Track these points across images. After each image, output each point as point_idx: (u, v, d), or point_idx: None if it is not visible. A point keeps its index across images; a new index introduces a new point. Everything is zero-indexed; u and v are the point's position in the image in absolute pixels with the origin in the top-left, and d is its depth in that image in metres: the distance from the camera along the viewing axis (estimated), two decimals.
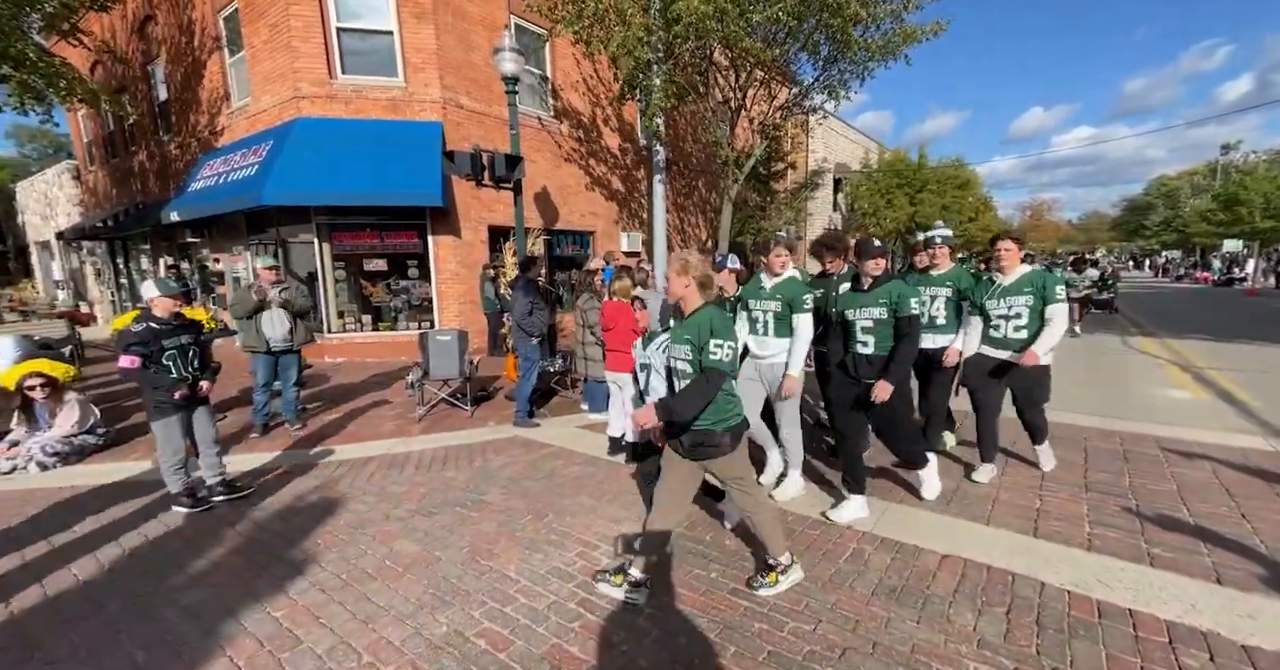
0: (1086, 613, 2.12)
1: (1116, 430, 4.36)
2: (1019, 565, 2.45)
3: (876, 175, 20.62)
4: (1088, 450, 3.94)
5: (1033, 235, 60.51)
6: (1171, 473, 3.48)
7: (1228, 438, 4.11)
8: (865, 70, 9.52)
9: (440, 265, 8.56)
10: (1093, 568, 2.41)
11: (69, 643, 2.17)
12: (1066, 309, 3.09)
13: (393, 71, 8.18)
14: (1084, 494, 3.19)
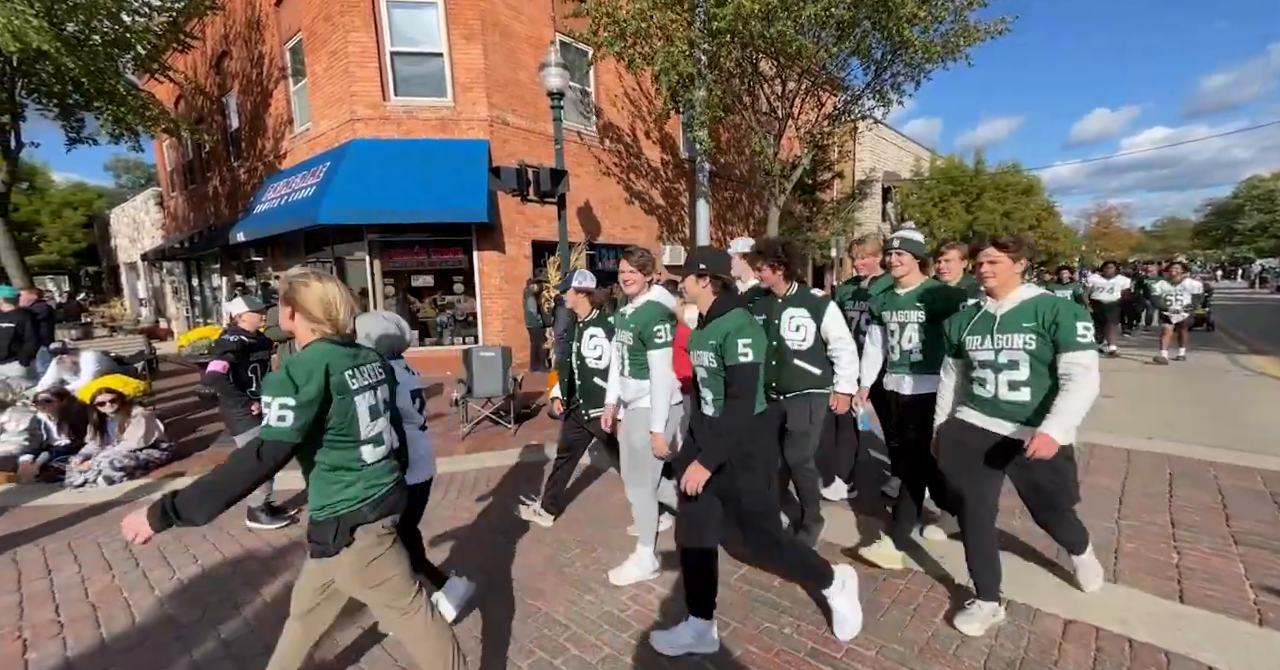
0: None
1: (1251, 467, 3.72)
2: (1171, 641, 2.00)
3: (929, 183, 19.72)
4: (1222, 491, 3.36)
5: (1100, 243, 56.53)
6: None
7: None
8: (921, 72, 9.07)
9: (485, 281, 8.61)
10: (1276, 650, 1.94)
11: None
12: (1095, 360, 1.91)
13: (442, 92, 8.38)
14: (1234, 548, 2.66)
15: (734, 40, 7.99)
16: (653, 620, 2.31)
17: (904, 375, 2.73)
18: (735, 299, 2.10)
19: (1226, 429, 4.66)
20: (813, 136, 10.15)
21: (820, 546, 2.83)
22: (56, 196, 24.95)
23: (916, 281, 2.75)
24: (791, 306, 2.76)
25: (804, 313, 2.75)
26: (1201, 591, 2.31)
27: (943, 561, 2.67)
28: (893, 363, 2.80)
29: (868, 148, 18.21)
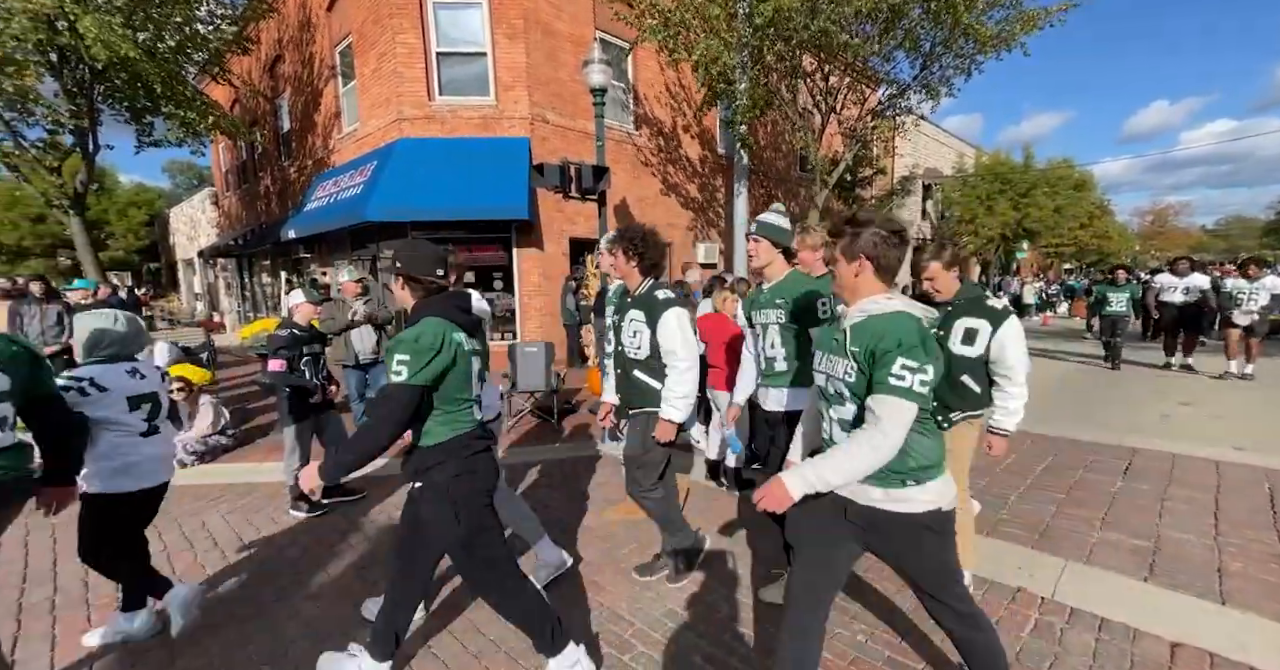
0: None
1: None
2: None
3: (973, 180, 18.98)
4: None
5: (1154, 242, 53.47)
6: None
7: None
8: (972, 64, 8.72)
9: (524, 277, 8.69)
10: None
11: (205, 652, 2.16)
12: (902, 414, 1.34)
13: (485, 91, 8.49)
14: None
15: (775, 34, 7.83)
16: (713, 618, 2.25)
17: (767, 387, 2.35)
18: (435, 305, 1.75)
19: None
20: (855, 133, 9.88)
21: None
22: (122, 197, 26.50)
23: (780, 274, 2.30)
24: (634, 308, 2.34)
25: (640, 316, 2.32)
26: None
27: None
28: (760, 372, 2.41)
29: (909, 144, 17.65)
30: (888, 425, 1.34)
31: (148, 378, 2.19)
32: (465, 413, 1.77)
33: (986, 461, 4.04)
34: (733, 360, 3.57)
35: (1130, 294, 7.77)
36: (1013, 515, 3.14)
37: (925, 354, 1.35)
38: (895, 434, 1.35)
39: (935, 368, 1.37)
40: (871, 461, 1.37)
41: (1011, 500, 3.35)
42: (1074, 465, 3.90)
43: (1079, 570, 2.51)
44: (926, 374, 1.34)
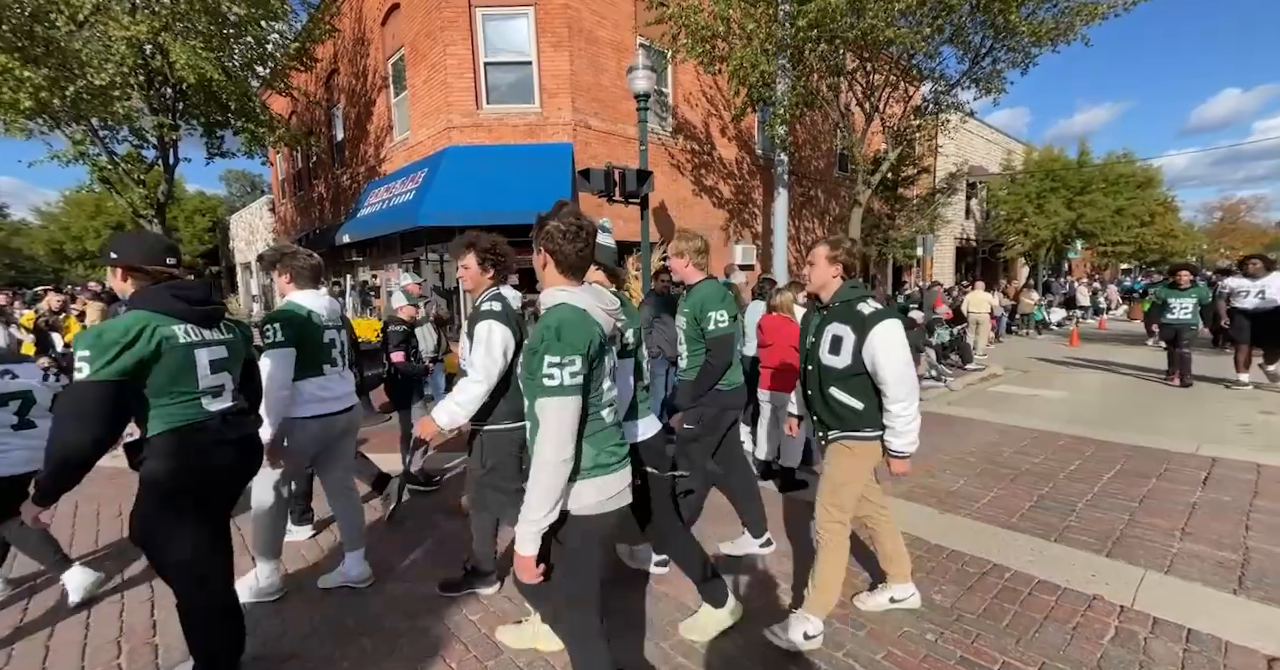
0: None
1: None
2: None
3: (1022, 177, 18.22)
4: None
5: (1224, 241, 50.04)
6: None
7: None
8: (1027, 58, 8.44)
9: None
10: None
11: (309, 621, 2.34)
12: (569, 410, 1.36)
13: (530, 98, 8.73)
14: None
15: (819, 34, 7.78)
16: (776, 609, 2.28)
17: None
18: (147, 296, 1.68)
19: None
20: (898, 131, 9.69)
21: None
22: (189, 204, 28.32)
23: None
24: (472, 322, 2.19)
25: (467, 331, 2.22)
26: None
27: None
28: None
29: (952, 142, 17.11)
30: (550, 429, 1.34)
31: (19, 377, 2.51)
32: (185, 407, 1.69)
33: (1049, 466, 3.94)
34: (795, 361, 3.59)
35: (1198, 298, 6.65)
36: (1081, 522, 3.05)
37: (564, 345, 1.31)
38: (559, 435, 1.34)
39: (582, 356, 1.33)
40: (551, 476, 1.34)
41: (1079, 507, 3.25)
42: (1146, 473, 3.75)
43: (1159, 580, 2.43)
44: (575, 364, 1.32)
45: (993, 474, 3.86)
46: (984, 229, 20.59)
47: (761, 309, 4.29)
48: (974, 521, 3.11)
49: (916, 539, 2.91)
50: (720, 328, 2.51)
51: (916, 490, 3.61)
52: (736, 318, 2.68)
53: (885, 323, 1.93)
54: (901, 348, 1.93)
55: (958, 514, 3.22)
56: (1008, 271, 21.10)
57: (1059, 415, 5.53)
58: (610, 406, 1.52)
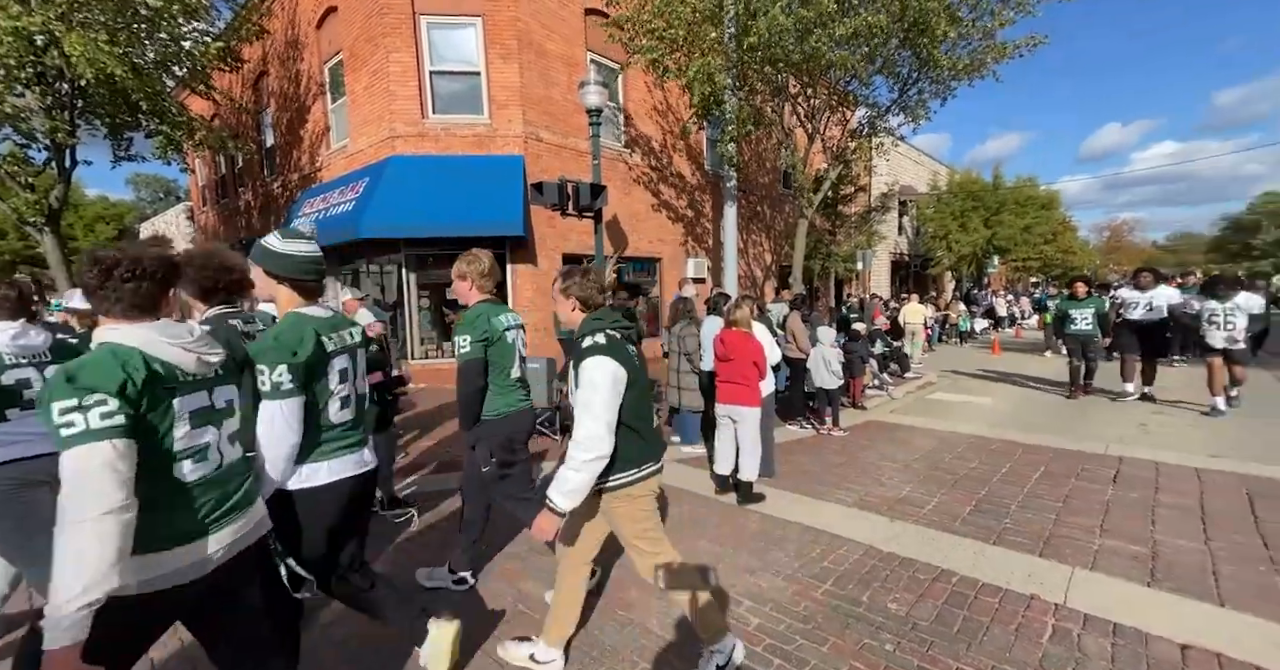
0: None
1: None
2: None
3: (947, 197, 19.74)
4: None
5: (1112, 257, 56.16)
6: None
7: None
8: (946, 90, 9.17)
9: (517, 293, 8.70)
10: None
11: None
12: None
13: (479, 109, 8.57)
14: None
15: (763, 56, 8.13)
16: (744, 631, 2.28)
17: None
18: None
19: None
20: (837, 152, 10.24)
21: None
22: (89, 212, 25.61)
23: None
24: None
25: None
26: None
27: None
28: None
29: (886, 163, 18.31)
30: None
31: None
32: None
33: (984, 471, 4.20)
34: (754, 376, 3.66)
35: (1095, 308, 6.78)
36: (1015, 524, 3.26)
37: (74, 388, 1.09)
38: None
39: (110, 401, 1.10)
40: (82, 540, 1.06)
41: (1012, 510, 3.48)
42: (1066, 474, 4.08)
43: (1086, 576, 2.63)
44: (106, 405, 1.10)
45: (935, 480, 4.08)
46: (915, 244, 22.07)
47: (718, 324, 4.35)
48: (921, 528, 3.26)
49: (871, 548, 3.01)
50: (464, 354, 2.35)
51: (869, 498, 3.75)
52: (503, 340, 2.45)
53: (592, 359, 1.73)
54: (599, 389, 1.70)
55: (906, 521, 3.36)
56: (936, 285, 22.69)
57: (989, 420, 5.94)
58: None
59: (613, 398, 1.75)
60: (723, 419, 3.89)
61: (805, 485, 4.05)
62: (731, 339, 3.69)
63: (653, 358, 9.69)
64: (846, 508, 3.60)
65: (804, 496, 3.83)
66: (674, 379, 5.06)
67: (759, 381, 3.70)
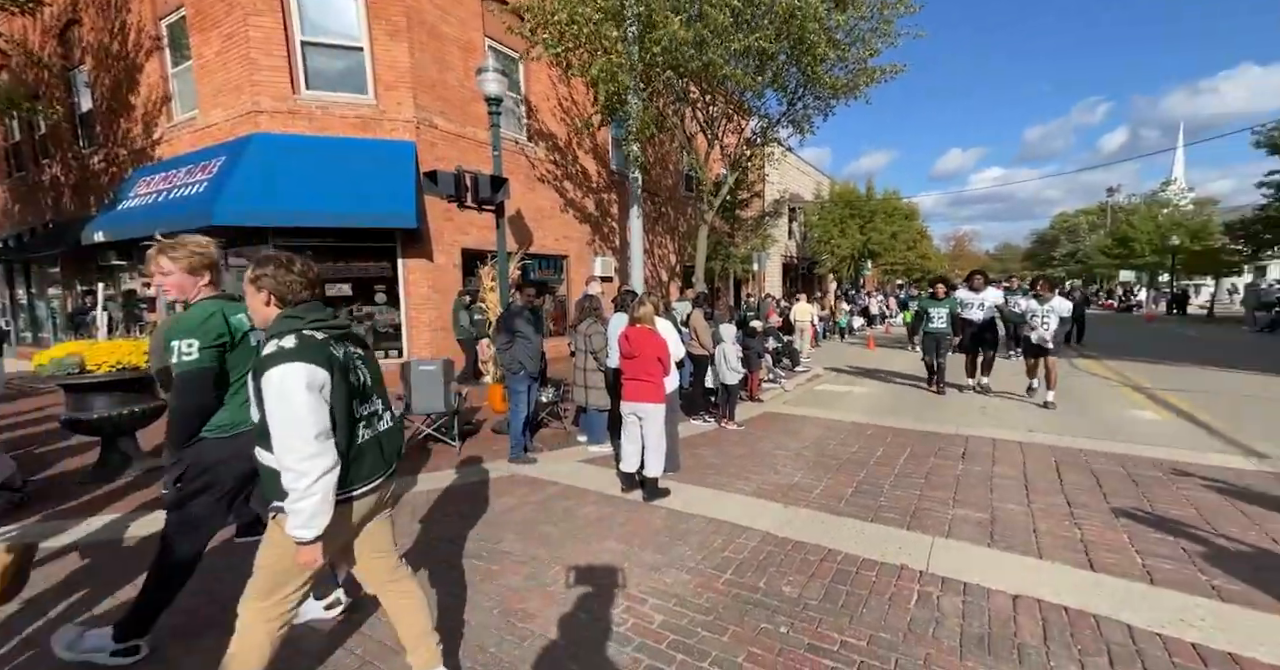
0: (1190, 659, 2.04)
1: (1110, 452, 4.55)
2: (1095, 605, 2.38)
3: (829, 205, 21.72)
4: (1095, 473, 4.05)
5: (957, 263, 65.63)
6: (1184, 495, 3.61)
7: (1211, 458, 4.36)
8: (828, 107, 10.05)
9: (410, 290, 8.06)
10: (1168, 605, 2.37)
11: None
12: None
13: (362, 89, 7.80)
14: (1117, 521, 3.23)
15: (665, 62, 8.32)
16: (648, 629, 2.29)
17: None
18: None
19: (1082, 421, 5.63)
20: (734, 158, 10.80)
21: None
22: None
23: None
24: None
25: None
26: (1105, 560, 2.77)
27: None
28: None
29: (777, 172, 19.68)
30: None
31: None
32: None
33: (863, 454, 4.65)
34: (659, 372, 3.69)
35: (950, 308, 7.20)
36: (889, 502, 3.64)
37: None
38: None
39: None
40: None
41: (886, 488, 3.88)
42: (927, 454, 4.64)
43: (944, 544, 3.00)
44: None
45: (823, 465, 4.43)
46: (803, 248, 24.02)
47: (624, 321, 4.35)
48: (812, 511, 3.52)
49: (768, 535, 3.18)
50: (190, 362, 1.94)
51: (765, 487, 3.97)
52: (245, 344, 2.09)
53: (276, 369, 1.46)
54: (292, 400, 1.44)
55: (799, 506, 3.60)
56: (821, 285, 24.90)
57: (866, 409, 6.61)
58: None
59: (316, 403, 1.49)
60: (628, 417, 3.90)
61: (708, 478, 4.20)
62: (635, 335, 3.70)
63: (560, 357, 9.53)
64: (745, 497, 3.78)
65: (707, 489, 3.96)
66: (580, 378, 4.99)
67: (664, 378, 3.75)
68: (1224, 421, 5.48)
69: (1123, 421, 5.63)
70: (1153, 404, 6.43)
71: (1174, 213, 31.36)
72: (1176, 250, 26.28)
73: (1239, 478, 3.89)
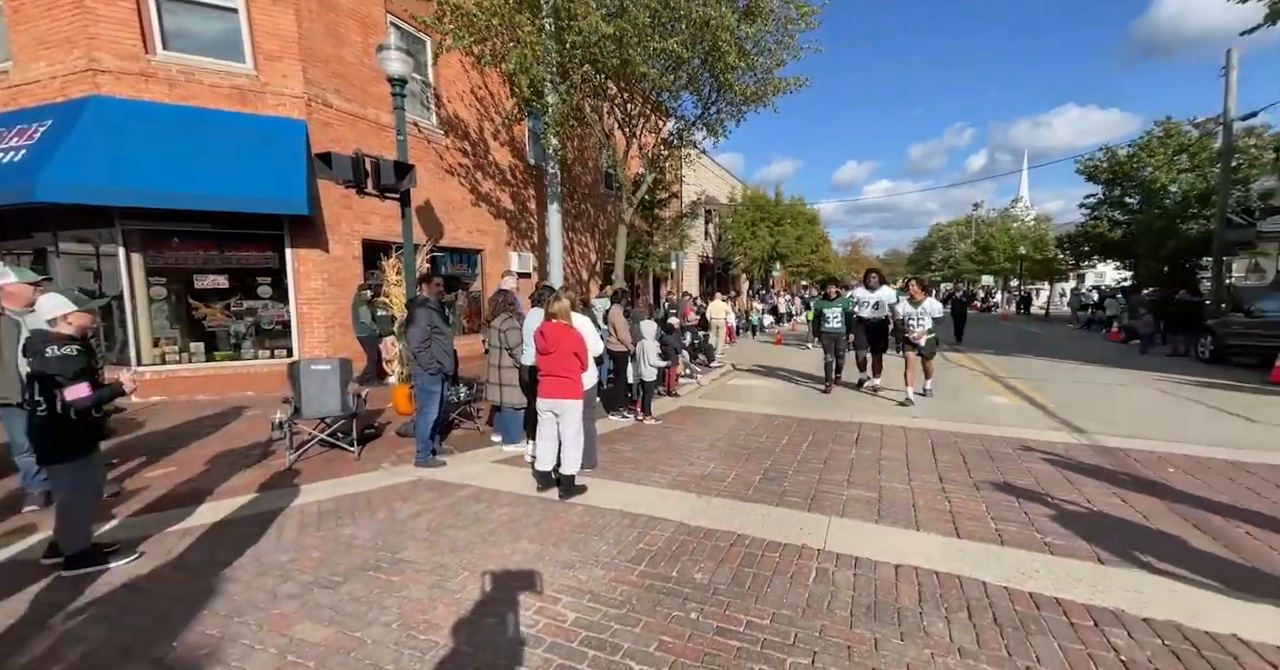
0: (1027, 606, 2.38)
1: (973, 432, 5.20)
2: (959, 567, 2.71)
3: (742, 208, 22.76)
4: (962, 451, 4.62)
5: (853, 267, 71.85)
6: (1026, 467, 4.21)
7: (1047, 435, 5.14)
8: (740, 112, 10.52)
9: (301, 283, 7.29)
10: (1012, 562, 2.75)
11: None
12: None
13: (238, 56, 6.91)
14: (978, 493, 3.69)
15: (583, 56, 8.24)
16: (561, 628, 2.26)
17: None
18: None
19: (952, 406, 6.40)
20: (652, 158, 10.96)
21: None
22: None
23: None
24: None
25: None
26: (968, 527, 3.17)
27: None
28: None
29: (694, 173, 20.26)
30: None
31: None
32: None
33: (770, 443, 4.92)
34: (576, 368, 3.63)
35: (843, 307, 7.30)
36: (793, 486, 3.89)
37: None
38: None
39: None
40: None
41: (789, 474, 4.14)
42: (826, 440, 5.02)
43: (839, 523, 3.26)
44: None
45: (734, 455, 4.64)
46: (718, 249, 24.97)
47: (540, 317, 4.24)
48: (724, 499, 3.66)
49: (682, 525, 3.27)
50: None
51: (680, 478, 4.07)
52: None
53: None
54: None
55: (711, 495, 3.74)
56: (735, 285, 26.06)
57: (775, 400, 7.01)
58: None
59: None
60: (545, 414, 3.82)
61: (626, 472, 4.23)
62: (551, 331, 3.63)
63: (475, 354, 9.12)
64: (661, 489, 3.86)
65: (624, 483, 3.98)
66: (494, 375, 4.81)
67: (580, 374, 3.71)
68: (1056, 404, 6.49)
69: (984, 407, 6.47)
70: (1006, 391, 7.46)
71: (1021, 226, 36.64)
72: (1023, 259, 30.84)
73: (1066, 450, 4.62)
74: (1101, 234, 21.98)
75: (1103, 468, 4.18)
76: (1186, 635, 2.16)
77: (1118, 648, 2.09)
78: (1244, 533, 3.07)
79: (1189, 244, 17.85)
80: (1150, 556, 2.78)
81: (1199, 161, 18.83)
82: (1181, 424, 5.51)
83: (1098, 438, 4.99)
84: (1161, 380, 8.15)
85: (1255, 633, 2.16)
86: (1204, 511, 3.35)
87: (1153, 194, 19.76)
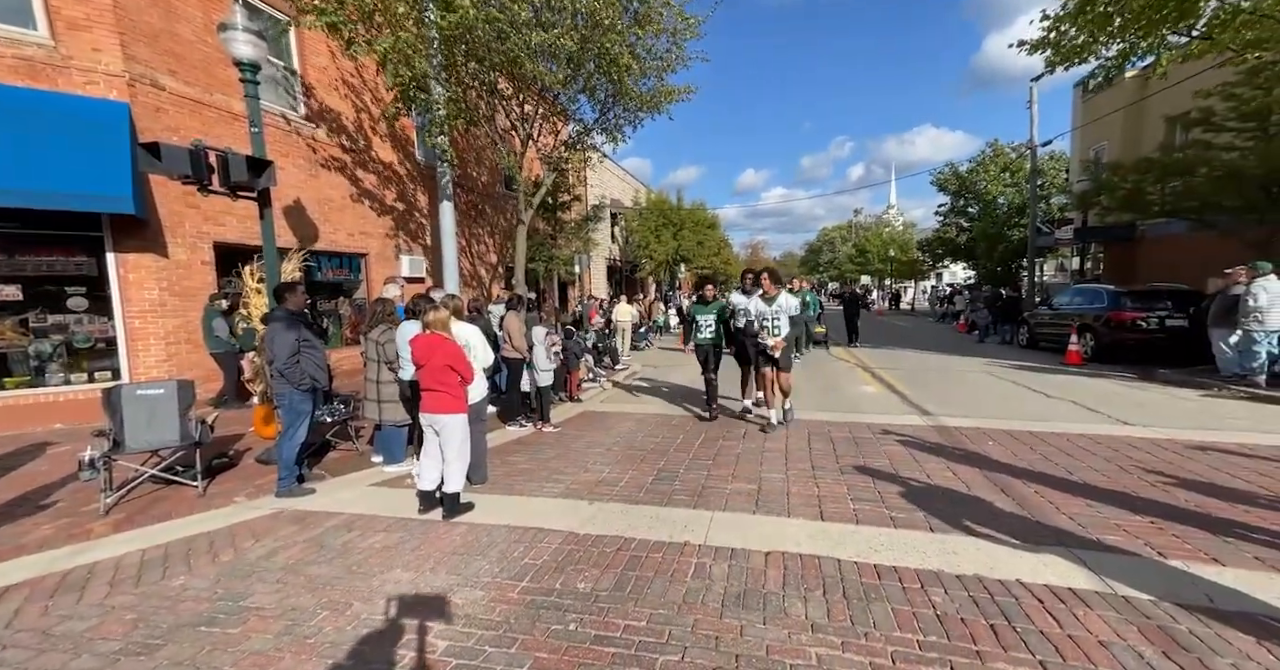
0: (871, 577, 2.67)
1: (844, 421, 5.75)
2: (819, 548, 2.96)
3: (646, 212, 23.27)
4: (833, 439, 5.08)
5: (753, 269, 76.80)
6: (883, 450, 4.73)
7: (902, 419, 5.81)
8: (637, 118, 10.73)
9: (131, 293, 6.24)
10: (864, 538, 3.07)
11: None
12: None
13: (26, 21, 5.76)
14: (842, 477, 4.08)
15: (467, 51, 7.92)
16: (430, 659, 2.14)
17: None
18: None
19: (830, 398, 7.02)
20: (552, 160, 10.83)
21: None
22: None
23: None
24: None
25: None
26: (831, 509, 3.48)
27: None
28: None
29: (597, 176, 20.33)
30: None
31: None
32: None
33: (665, 443, 5.05)
34: (454, 381, 3.46)
35: (717, 314, 5.82)
36: (682, 485, 4.03)
37: None
38: None
39: None
40: None
41: (680, 473, 4.29)
42: (717, 437, 5.27)
43: (722, 517, 3.43)
44: None
45: (629, 458, 4.70)
46: (625, 252, 25.30)
47: (415, 328, 4.00)
48: (616, 504, 3.70)
49: (571, 534, 3.24)
50: None
51: (574, 486, 4.05)
52: None
53: None
54: None
55: (603, 500, 3.76)
56: (643, 287, 26.55)
57: (675, 399, 7.23)
58: None
59: None
60: (426, 429, 3.61)
61: (518, 485, 4.12)
62: (423, 343, 3.44)
63: (356, 369, 8.38)
64: (553, 499, 3.81)
65: (515, 496, 3.88)
66: (373, 391, 4.47)
67: (460, 387, 3.55)
68: (912, 390, 7.38)
69: (855, 395, 7.18)
70: (874, 380, 8.35)
71: (891, 231, 41.43)
72: (893, 260, 34.93)
73: (916, 432, 5.27)
74: (951, 238, 25.52)
75: (942, 445, 4.82)
76: (986, 585, 2.55)
77: (935, 604, 2.42)
78: (1033, 492, 3.70)
79: (1014, 248, 21.31)
80: (968, 520, 3.25)
81: (1018, 178, 22.60)
82: (1003, 402, 6.52)
83: (940, 419, 5.75)
84: (990, 365, 9.60)
85: (1031, 576, 2.62)
86: (1009, 477, 3.98)
87: (988, 205, 23.42)
